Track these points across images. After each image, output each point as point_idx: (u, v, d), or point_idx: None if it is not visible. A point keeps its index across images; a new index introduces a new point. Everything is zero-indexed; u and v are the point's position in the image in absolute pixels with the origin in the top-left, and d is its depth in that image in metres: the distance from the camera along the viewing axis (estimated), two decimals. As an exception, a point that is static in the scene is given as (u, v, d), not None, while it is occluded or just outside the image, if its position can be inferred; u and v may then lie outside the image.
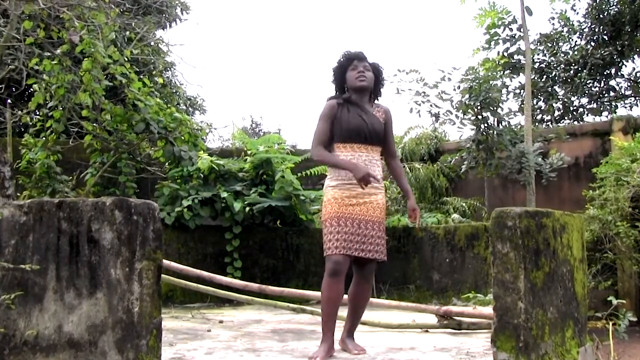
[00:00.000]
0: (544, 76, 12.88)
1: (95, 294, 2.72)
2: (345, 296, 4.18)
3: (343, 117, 4.08)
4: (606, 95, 12.98)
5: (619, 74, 12.96)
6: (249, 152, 8.60)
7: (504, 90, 8.61)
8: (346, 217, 3.96)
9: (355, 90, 4.18)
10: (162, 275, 2.96)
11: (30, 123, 7.85)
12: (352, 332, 4.24)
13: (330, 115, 4.12)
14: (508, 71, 9.71)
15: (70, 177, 7.68)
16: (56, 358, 2.73)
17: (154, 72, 10.68)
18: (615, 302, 4.84)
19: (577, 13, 13.31)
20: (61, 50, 7.09)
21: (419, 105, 8.50)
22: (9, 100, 9.35)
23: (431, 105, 8.53)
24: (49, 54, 7.23)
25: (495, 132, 8.35)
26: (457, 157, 9.60)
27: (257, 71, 43.50)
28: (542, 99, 12.92)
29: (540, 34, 13.12)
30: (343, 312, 4.28)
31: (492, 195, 9.48)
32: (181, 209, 7.59)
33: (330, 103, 4.17)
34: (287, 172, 8.10)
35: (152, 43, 10.16)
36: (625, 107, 13.25)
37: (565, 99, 12.78)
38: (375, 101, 4.31)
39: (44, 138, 7.49)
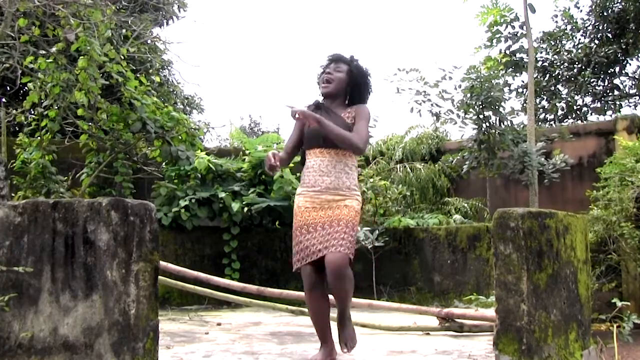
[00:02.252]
0: (547, 75, 12.85)
1: (91, 296, 2.70)
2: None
3: (306, 124, 3.91)
4: (610, 94, 12.93)
5: (624, 72, 12.97)
6: (247, 152, 8.57)
7: (506, 89, 8.59)
8: (309, 224, 3.79)
9: (323, 96, 4.03)
10: (159, 277, 2.93)
11: (25, 122, 7.83)
12: (343, 319, 3.91)
13: (300, 123, 4.01)
14: (510, 70, 9.65)
15: (66, 177, 7.62)
16: (51, 361, 2.70)
17: (150, 71, 10.69)
18: (619, 304, 4.78)
19: (581, 11, 13.33)
20: (56, 49, 7.05)
21: (420, 104, 8.46)
22: (4, 99, 9.35)
23: (432, 105, 8.49)
24: (44, 52, 7.19)
25: (497, 132, 8.31)
26: (458, 157, 9.55)
27: (255, 69, 43.60)
28: (545, 98, 12.90)
29: (543, 32, 13.10)
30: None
31: (494, 196, 9.43)
32: (178, 210, 7.57)
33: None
34: (286, 171, 8.05)
35: (149, 41, 10.11)
36: (630, 106, 13.24)
37: (569, 98, 12.76)
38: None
39: (38, 137, 7.44)
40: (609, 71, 12.72)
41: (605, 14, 12.44)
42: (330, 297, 3.90)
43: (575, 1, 13.21)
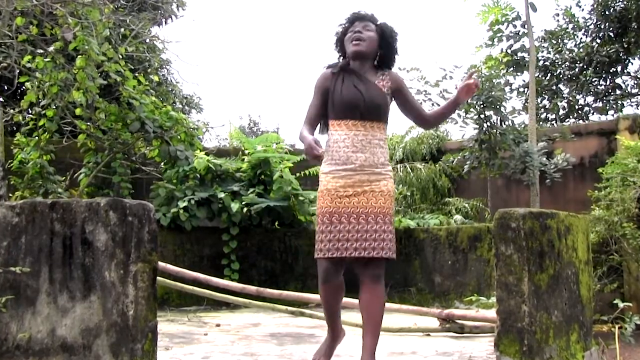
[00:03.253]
0: (549, 74, 12.79)
1: (89, 297, 2.68)
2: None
3: (337, 89, 3.51)
4: (612, 93, 12.85)
5: (625, 71, 12.85)
6: (246, 152, 8.53)
7: (507, 89, 8.53)
8: (340, 212, 3.39)
9: (353, 57, 3.58)
10: (158, 278, 2.92)
11: (23, 122, 7.75)
12: (372, 351, 3.43)
13: (322, 87, 3.59)
14: (512, 69, 9.62)
15: (64, 178, 7.60)
16: (49, 362, 2.69)
17: (149, 70, 10.63)
18: (621, 305, 4.76)
19: (583, 9, 13.28)
20: (54, 48, 7.00)
21: (421, 104, 8.37)
22: (1, 99, 9.28)
23: (432, 104, 8.43)
24: (41, 51, 7.14)
25: (498, 132, 8.26)
26: (459, 157, 9.51)
27: (255, 69, 43.58)
28: (546, 97, 12.83)
29: (544, 30, 13.01)
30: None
31: (495, 196, 9.39)
32: (177, 210, 7.52)
33: (324, 73, 3.64)
34: (286, 171, 8.01)
35: (147, 40, 10.07)
36: (632, 106, 13.13)
37: (570, 98, 12.70)
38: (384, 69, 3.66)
39: (36, 137, 7.41)
40: (611, 70, 12.64)
41: (607, 12, 12.36)
42: (346, 299, 3.67)
43: (577, 0, 13.16)
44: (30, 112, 7.88)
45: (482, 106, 8.17)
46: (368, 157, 3.44)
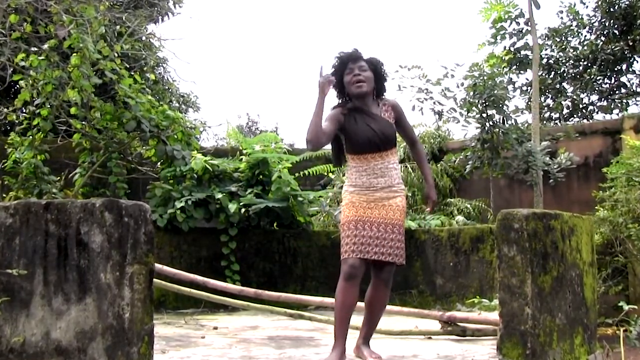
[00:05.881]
0: (552, 72, 12.77)
1: (84, 300, 2.69)
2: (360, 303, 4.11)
3: (351, 129, 4.03)
4: (617, 92, 12.83)
5: (630, 69, 12.84)
6: (244, 152, 8.49)
7: (510, 87, 8.46)
8: (364, 220, 3.93)
9: (357, 97, 4.10)
10: (154, 280, 2.93)
11: (17, 121, 7.74)
12: (368, 338, 4.18)
13: (336, 119, 4.03)
14: (515, 67, 9.54)
15: (58, 178, 7.55)
16: (44, 365, 2.68)
17: (145, 68, 10.67)
18: (626, 307, 4.74)
19: (587, 6, 13.23)
20: (49, 46, 6.96)
21: (422, 102, 8.32)
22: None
23: (434, 103, 8.36)
24: (35, 49, 7.10)
25: (501, 131, 8.17)
26: (461, 157, 9.45)
27: (253, 67, 43.62)
28: (550, 96, 12.83)
29: (548, 28, 13.01)
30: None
31: (497, 197, 9.34)
32: (174, 211, 7.48)
33: (335, 111, 4.09)
34: (284, 172, 7.96)
35: (144, 38, 10.08)
36: (637, 105, 13.13)
37: (574, 96, 12.67)
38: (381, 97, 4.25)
39: (30, 137, 7.35)
40: (616, 69, 12.63)
41: (611, 10, 12.34)
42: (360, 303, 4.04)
43: (581, -3, 13.13)
44: (24, 111, 7.85)
45: (484, 105, 8.09)
46: (387, 180, 4.02)
